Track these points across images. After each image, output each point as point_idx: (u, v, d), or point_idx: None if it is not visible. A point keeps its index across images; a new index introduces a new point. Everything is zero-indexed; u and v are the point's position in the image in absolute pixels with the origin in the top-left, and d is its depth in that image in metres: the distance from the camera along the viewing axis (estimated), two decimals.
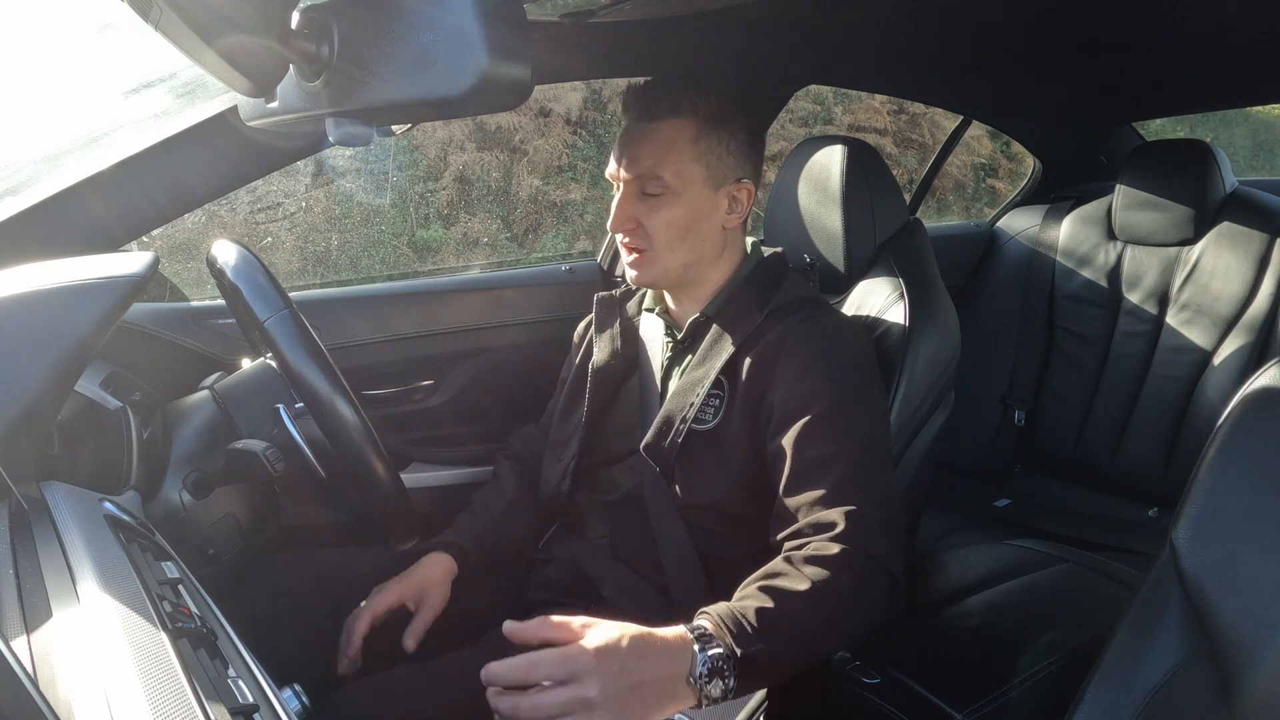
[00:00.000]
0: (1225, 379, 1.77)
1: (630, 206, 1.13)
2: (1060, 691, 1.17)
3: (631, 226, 1.13)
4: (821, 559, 0.92)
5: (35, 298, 0.78)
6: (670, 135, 1.11)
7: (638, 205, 1.13)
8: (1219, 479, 0.72)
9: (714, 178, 1.13)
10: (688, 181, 1.11)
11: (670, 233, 1.12)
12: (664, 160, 1.10)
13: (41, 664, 0.52)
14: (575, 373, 1.32)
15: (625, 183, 1.13)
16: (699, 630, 0.81)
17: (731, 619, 0.82)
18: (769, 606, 0.85)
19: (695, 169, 1.11)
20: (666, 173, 1.10)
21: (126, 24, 0.67)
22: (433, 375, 1.72)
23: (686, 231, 1.13)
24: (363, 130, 0.64)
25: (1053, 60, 1.79)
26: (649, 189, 1.12)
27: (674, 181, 1.11)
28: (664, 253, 1.13)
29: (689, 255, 1.15)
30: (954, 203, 6.57)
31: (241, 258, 1.07)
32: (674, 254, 1.14)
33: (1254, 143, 8.42)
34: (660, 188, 1.11)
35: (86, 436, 0.98)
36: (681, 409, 1.12)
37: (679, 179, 1.11)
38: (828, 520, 0.96)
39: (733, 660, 0.79)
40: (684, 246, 1.14)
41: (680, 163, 1.11)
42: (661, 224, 1.12)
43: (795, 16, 1.40)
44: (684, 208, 1.12)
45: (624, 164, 1.13)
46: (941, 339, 1.28)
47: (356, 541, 1.35)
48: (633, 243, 1.14)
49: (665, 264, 1.14)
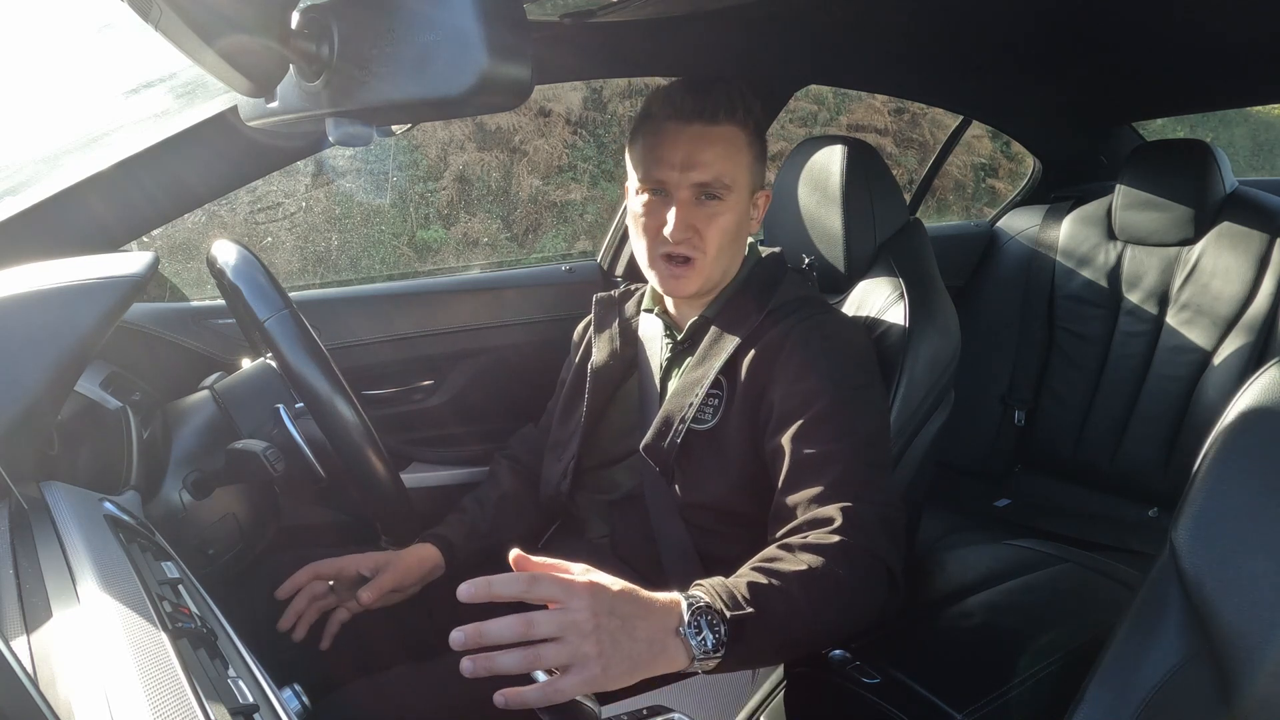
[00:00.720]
0: (1225, 379, 1.77)
1: (689, 213, 1.08)
2: (1060, 691, 1.17)
3: (691, 235, 1.09)
4: (819, 547, 0.92)
5: (35, 298, 0.78)
6: (729, 140, 1.08)
7: (696, 212, 1.08)
8: (1219, 479, 0.72)
9: (754, 185, 1.13)
10: (741, 188, 1.10)
11: (723, 239, 1.10)
12: (730, 168, 1.08)
13: (41, 664, 0.52)
14: (574, 373, 1.32)
15: (684, 188, 1.07)
16: (691, 595, 0.81)
17: (724, 588, 0.83)
18: (762, 581, 0.85)
19: (747, 177, 1.10)
20: (729, 178, 1.07)
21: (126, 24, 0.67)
22: (433, 375, 1.72)
23: (734, 238, 1.12)
24: (363, 130, 0.64)
25: (1053, 60, 1.79)
26: (713, 193, 1.08)
27: (734, 187, 1.09)
28: (713, 261, 1.11)
29: (729, 262, 1.14)
30: (954, 203, 6.57)
31: (241, 258, 1.07)
32: (720, 261, 1.12)
33: (1254, 143, 8.42)
34: (724, 193, 1.08)
35: (86, 436, 0.98)
36: (681, 409, 1.12)
37: (737, 185, 1.09)
38: (825, 516, 0.96)
39: (722, 621, 0.79)
40: (729, 253, 1.13)
41: (739, 169, 1.09)
42: (718, 231, 1.09)
43: (795, 16, 1.40)
44: (735, 214, 1.10)
45: (682, 168, 1.07)
46: (941, 339, 1.28)
47: (356, 541, 1.35)
48: (684, 252, 1.10)
49: (710, 272, 1.12)
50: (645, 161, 1.11)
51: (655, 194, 1.11)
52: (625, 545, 1.19)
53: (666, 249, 1.10)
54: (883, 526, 0.96)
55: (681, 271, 1.11)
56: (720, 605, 0.80)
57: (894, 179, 1.44)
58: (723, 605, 0.80)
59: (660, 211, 1.10)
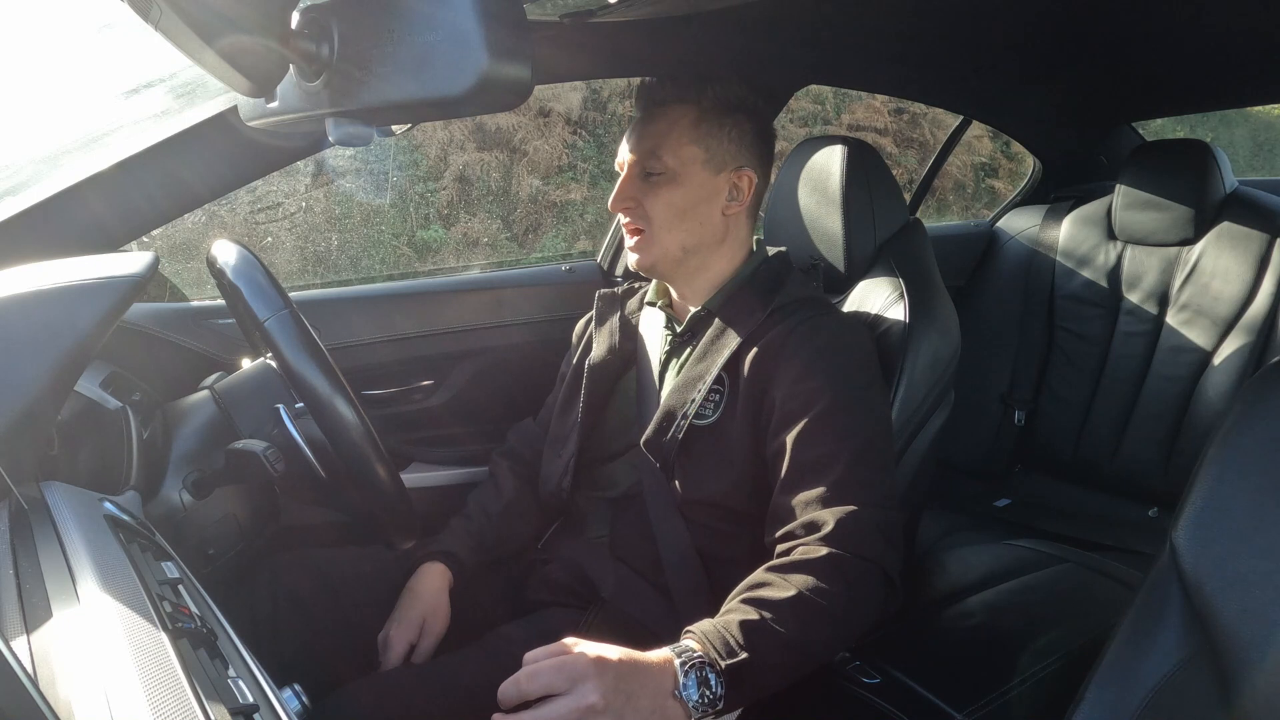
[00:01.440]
0: (1225, 379, 1.77)
1: (631, 186, 1.16)
2: (1060, 691, 1.17)
3: (631, 205, 1.16)
4: (807, 564, 0.92)
5: (35, 298, 0.78)
6: (672, 119, 1.15)
7: (639, 185, 1.16)
8: (1219, 479, 0.72)
9: (714, 161, 1.15)
10: (686, 163, 1.14)
11: (669, 213, 1.15)
12: (663, 142, 1.14)
13: (41, 664, 0.52)
14: (574, 368, 1.32)
15: (628, 164, 1.16)
16: (682, 649, 0.82)
17: (715, 635, 0.83)
18: (753, 619, 0.85)
19: (694, 150, 1.14)
20: (666, 154, 1.14)
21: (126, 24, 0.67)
22: (433, 375, 1.72)
23: (685, 213, 1.15)
24: (363, 130, 0.64)
25: (1053, 60, 1.79)
26: (650, 168, 1.14)
27: (673, 162, 1.14)
28: (662, 233, 1.15)
29: (688, 238, 1.16)
30: (954, 203, 6.57)
31: (241, 258, 1.07)
32: (673, 235, 1.15)
33: (1254, 143, 8.42)
34: (660, 168, 1.14)
35: (86, 436, 0.98)
36: (682, 404, 1.12)
37: (678, 160, 1.14)
38: (818, 521, 0.96)
39: (717, 673, 0.80)
40: (682, 228, 1.15)
41: (680, 144, 1.14)
42: (661, 204, 1.14)
43: (795, 16, 1.40)
44: (683, 189, 1.14)
45: (627, 149, 1.17)
46: (941, 339, 1.28)
47: (356, 541, 1.35)
48: (633, 223, 1.17)
49: (665, 245, 1.16)
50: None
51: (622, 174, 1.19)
52: (624, 545, 1.19)
53: (623, 221, 1.19)
54: (880, 530, 0.96)
55: (636, 243, 1.18)
56: (714, 654, 0.81)
57: (894, 179, 1.44)
58: (716, 654, 0.81)
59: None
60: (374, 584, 1.20)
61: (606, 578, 1.17)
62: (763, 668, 0.83)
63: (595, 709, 0.72)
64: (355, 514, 1.19)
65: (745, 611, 0.86)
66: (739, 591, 0.91)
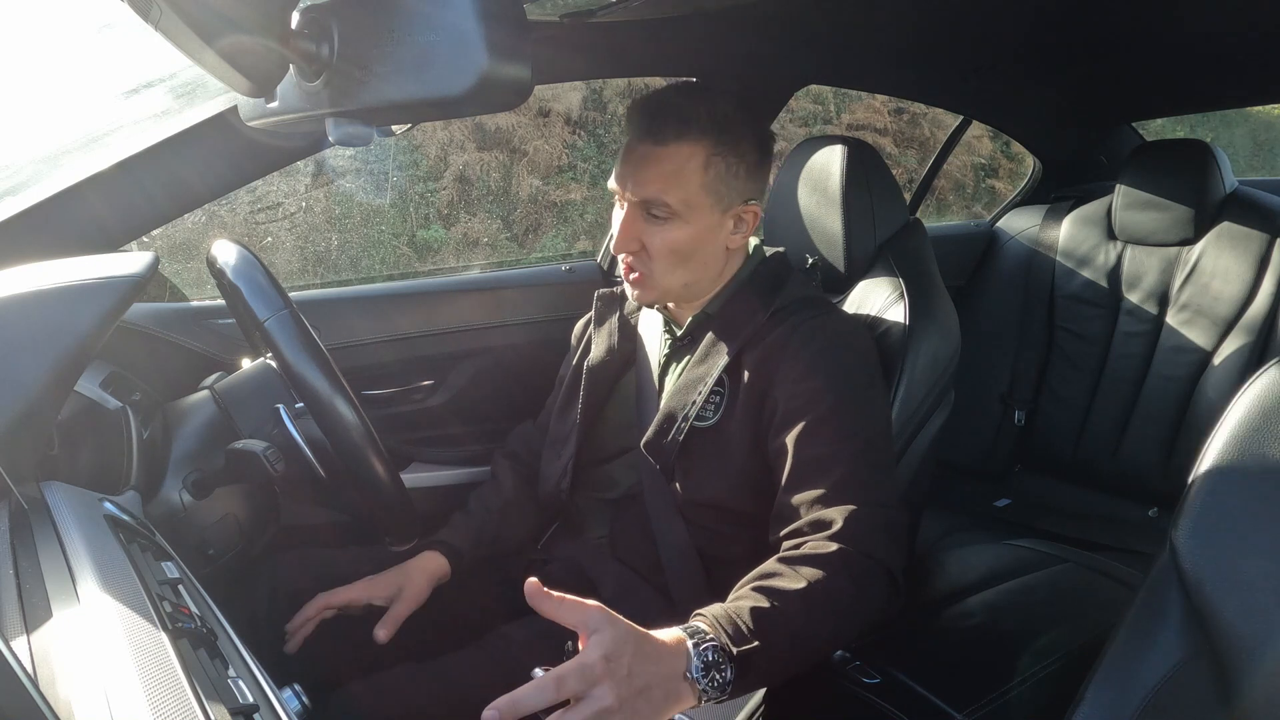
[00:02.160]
0: (1225, 379, 1.77)
1: (634, 227, 1.10)
2: (1060, 691, 1.17)
3: (635, 248, 1.11)
4: (817, 558, 0.92)
5: (35, 298, 0.78)
6: (679, 161, 1.07)
7: (642, 226, 1.10)
8: (1219, 479, 0.72)
9: (722, 203, 1.11)
10: (695, 208, 1.09)
11: (672, 258, 1.10)
12: (670, 187, 1.07)
13: (41, 664, 0.52)
14: (573, 369, 1.32)
15: (630, 204, 1.10)
16: (694, 630, 0.81)
17: (727, 619, 0.83)
18: (764, 606, 0.85)
19: (703, 196, 1.09)
20: (673, 199, 1.07)
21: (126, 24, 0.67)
22: (433, 375, 1.72)
23: (689, 255, 1.11)
24: (363, 130, 0.64)
25: (1053, 60, 1.79)
26: (655, 212, 1.09)
27: (680, 208, 1.08)
28: (663, 276, 1.12)
29: (689, 277, 1.13)
30: (954, 203, 6.57)
31: (241, 258, 1.07)
32: (674, 276, 1.12)
33: (1254, 143, 8.42)
34: (666, 212, 1.08)
35: (86, 436, 0.98)
36: (683, 406, 1.12)
37: (686, 205, 1.08)
38: (826, 519, 0.96)
39: (728, 658, 0.79)
40: (685, 269, 1.12)
41: (689, 190, 1.08)
42: (664, 248, 1.10)
43: (795, 17, 1.40)
44: (688, 231, 1.10)
45: (629, 185, 1.09)
46: (941, 339, 1.28)
47: (356, 541, 1.35)
48: (635, 265, 1.12)
49: (665, 286, 1.13)
50: (614, 171, 1.13)
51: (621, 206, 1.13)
52: (624, 545, 1.19)
53: (621, 258, 1.13)
54: (884, 529, 0.96)
55: (636, 280, 1.13)
56: (725, 639, 0.80)
57: (894, 179, 1.44)
58: (727, 639, 0.80)
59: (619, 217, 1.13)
60: None
61: (607, 578, 1.17)
62: (771, 657, 0.82)
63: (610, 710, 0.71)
64: (355, 514, 1.19)
65: (756, 599, 0.86)
66: (748, 580, 0.91)
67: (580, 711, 0.71)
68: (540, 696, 0.71)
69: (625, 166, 1.10)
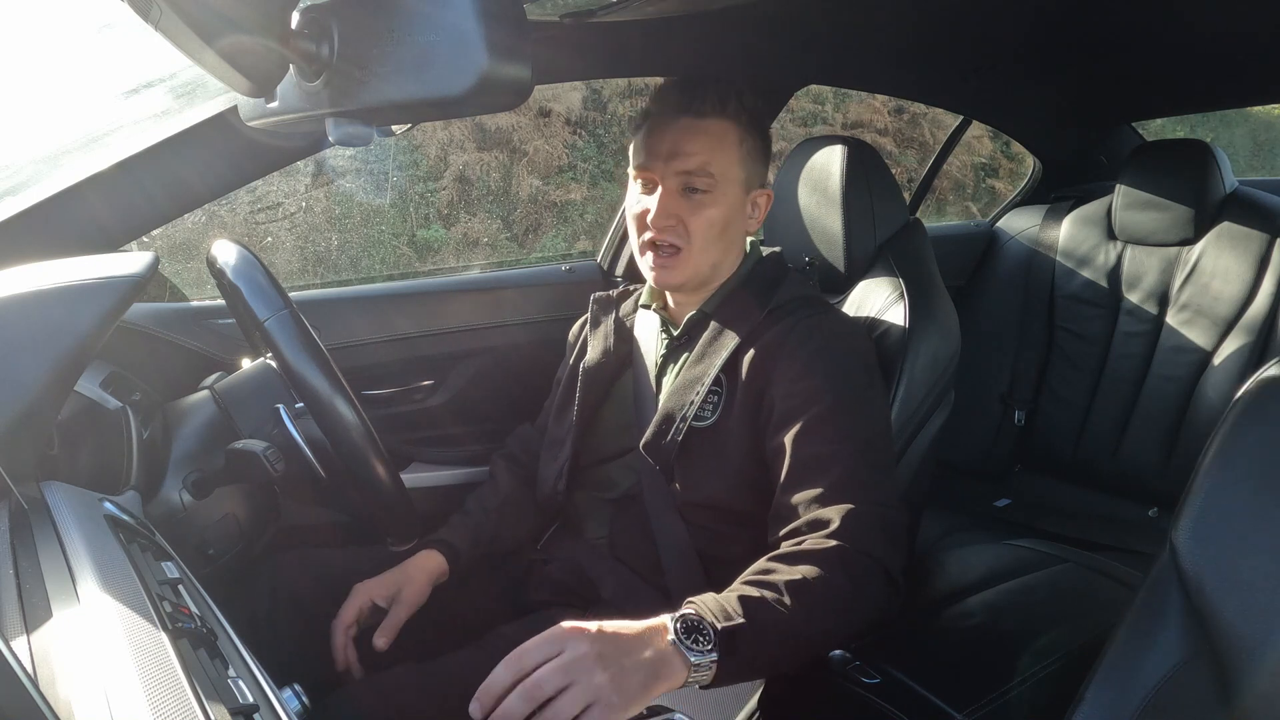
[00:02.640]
0: (1225, 379, 1.77)
1: (673, 203, 1.11)
2: (1060, 691, 1.17)
3: (673, 223, 1.11)
4: (813, 554, 0.92)
5: (35, 298, 0.78)
6: (720, 133, 1.10)
7: (680, 202, 1.11)
8: (1219, 479, 0.72)
9: (749, 181, 1.14)
10: (731, 182, 1.11)
11: (711, 232, 1.12)
12: (715, 157, 1.10)
13: (41, 664, 0.52)
14: (569, 372, 1.32)
15: (669, 177, 1.11)
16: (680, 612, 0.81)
17: (714, 603, 0.83)
18: (753, 595, 0.85)
19: (738, 171, 1.12)
20: (717, 169, 1.10)
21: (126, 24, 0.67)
22: (433, 375, 1.72)
23: (724, 232, 1.13)
24: (363, 130, 0.64)
25: (1053, 60, 1.79)
26: (696, 185, 1.10)
27: (722, 180, 1.10)
28: (699, 253, 1.12)
29: (718, 256, 1.15)
30: (954, 203, 6.57)
31: (241, 258, 1.07)
32: (708, 254, 1.13)
33: (1254, 143, 8.42)
34: (709, 184, 1.10)
35: (86, 436, 0.98)
36: (681, 406, 1.12)
37: (725, 178, 1.11)
38: (824, 518, 0.96)
39: (711, 630, 0.79)
40: (718, 247, 1.14)
41: (729, 162, 1.11)
42: (704, 222, 1.11)
43: (795, 16, 1.40)
44: (724, 208, 1.12)
45: (667, 158, 1.10)
46: (941, 339, 1.28)
47: (356, 541, 1.35)
48: (669, 240, 1.12)
49: (698, 264, 1.13)
50: (638, 153, 1.14)
51: (646, 184, 1.14)
52: (623, 545, 1.19)
53: (651, 236, 1.13)
54: (882, 528, 0.96)
55: (668, 261, 1.13)
56: (710, 618, 0.80)
57: (894, 179, 1.44)
58: (713, 618, 0.81)
59: (649, 201, 1.13)
60: None
61: (606, 579, 1.17)
62: (758, 640, 0.82)
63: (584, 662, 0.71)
64: (355, 514, 1.19)
65: (747, 589, 0.86)
66: (745, 575, 0.91)
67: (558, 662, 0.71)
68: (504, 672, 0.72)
69: (661, 142, 1.11)
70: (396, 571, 1.17)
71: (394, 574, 1.17)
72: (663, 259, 1.13)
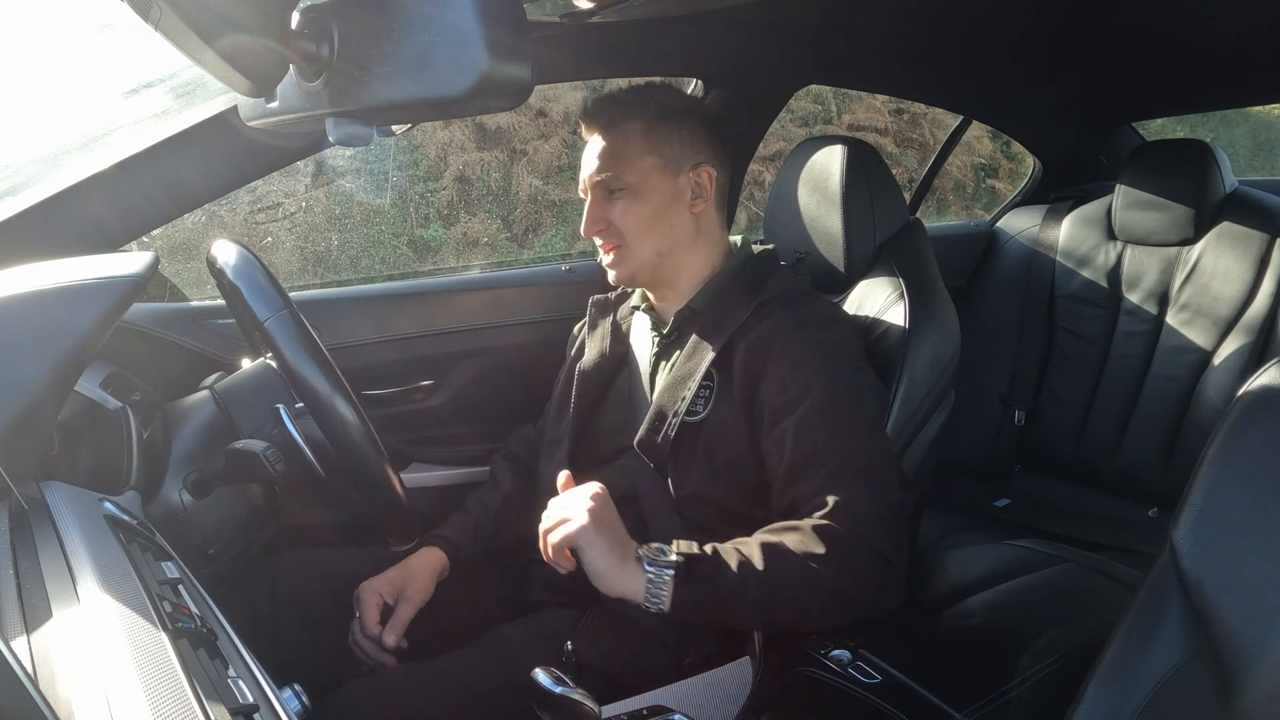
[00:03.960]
0: (1225, 379, 1.77)
1: (597, 209, 1.18)
2: (1060, 691, 1.16)
3: (602, 227, 1.17)
4: (802, 528, 0.96)
5: (35, 298, 0.78)
6: (624, 135, 1.16)
7: (605, 207, 1.17)
8: (1219, 479, 0.72)
9: (671, 166, 1.16)
10: (645, 173, 1.15)
11: (641, 225, 1.16)
12: (619, 161, 1.15)
13: (41, 664, 0.52)
14: (567, 373, 1.33)
15: (591, 187, 1.18)
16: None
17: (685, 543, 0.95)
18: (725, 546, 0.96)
19: (650, 160, 1.15)
20: (624, 169, 1.15)
21: (126, 24, 0.66)
22: (433, 375, 1.72)
23: (654, 220, 1.16)
24: (363, 130, 0.64)
25: (1053, 60, 1.79)
26: (612, 187, 1.16)
27: (633, 177, 1.15)
28: (636, 245, 1.16)
29: (661, 244, 1.17)
30: (954, 203, 6.57)
31: (241, 258, 1.07)
32: (646, 244, 1.16)
33: (1254, 143, 8.42)
34: (621, 184, 1.15)
35: (86, 436, 0.98)
36: (673, 402, 1.12)
37: (638, 175, 1.15)
38: (819, 505, 0.98)
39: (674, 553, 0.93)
40: (655, 235, 1.16)
41: (635, 157, 1.15)
42: (630, 219, 1.16)
43: (795, 16, 1.40)
44: (647, 199, 1.15)
45: (586, 173, 1.19)
46: (941, 339, 1.28)
47: (356, 541, 1.35)
48: (608, 241, 1.17)
49: (640, 255, 1.17)
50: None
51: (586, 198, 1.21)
52: None
53: (598, 243, 1.20)
54: (879, 515, 0.97)
55: (613, 259, 1.19)
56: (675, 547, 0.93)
57: (894, 179, 1.44)
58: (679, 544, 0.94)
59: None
60: None
61: None
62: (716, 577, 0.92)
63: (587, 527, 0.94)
64: (355, 514, 1.19)
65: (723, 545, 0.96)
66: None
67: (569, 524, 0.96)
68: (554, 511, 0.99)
69: (583, 159, 1.20)
70: (400, 569, 1.18)
71: (398, 572, 1.17)
72: (610, 259, 1.19)
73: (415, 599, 1.16)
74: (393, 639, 1.12)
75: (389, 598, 1.15)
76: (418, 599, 1.16)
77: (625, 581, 0.93)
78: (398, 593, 1.15)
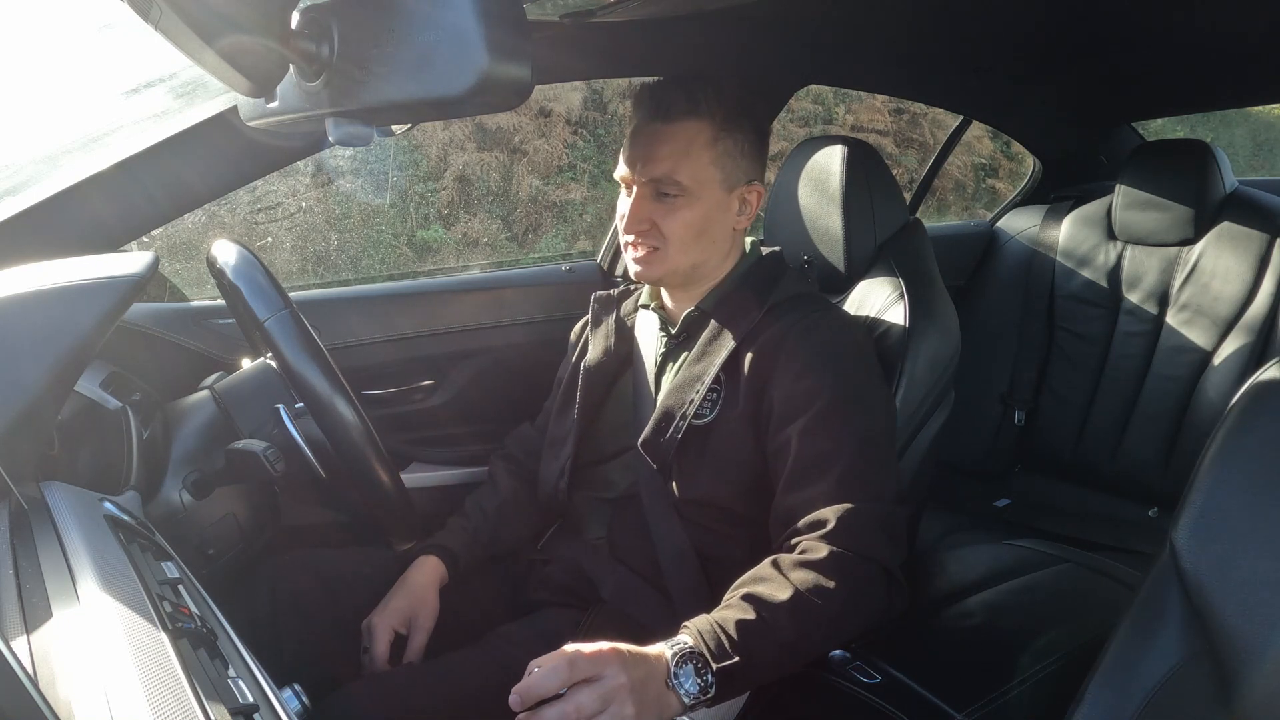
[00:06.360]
0: (1225, 379, 1.77)
1: (645, 208, 1.11)
2: (1060, 691, 1.17)
3: (646, 228, 1.12)
4: (810, 563, 0.93)
5: (35, 298, 0.78)
6: (688, 137, 1.09)
7: (653, 206, 1.11)
8: (1219, 479, 0.72)
9: (728, 180, 1.13)
10: (704, 184, 1.11)
11: (686, 234, 1.12)
12: (682, 163, 1.09)
13: (41, 664, 0.52)
14: (570, 371, 1.32)
15: (639, 185, 1.12)
16: (678, 644, 0.84)
17: (711, 634, 0.85)
18: (750, 619, 0.87)
19: (712, 172, 1.11)
20: (684, 176, 1.09)
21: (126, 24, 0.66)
22: (433, 375, 1.72)
23: (702, 233, 1.13)
24: (363, 130, 0.64)
25: (1053, 60, 1.79)
26: (666, 190, 1.10)
27: (691, 184, 1.10)
28: (677, 254, 1.13)
29: (700, 256, 1.15)
30: (954, 203, 6.57)
31: (241, 258, 1.07)
32: (686, 255, 1.13)
33: (1254, 143, 8.42)
34: (678, 190, 1.10)
35: (86, 436, 0.98)
36: (680, 404, 1.12)
37: (696, 182, 1.10)
38: (822, 519, 0.96)
39: (708, 670, 0.82)
40: (697, 247, 1.13)
41: (698, 166, 1.10)
42: (678, 226, 1.11)
43: (795, 16, 1.40)
44: (700, 210, 1.11)
45: (639, 165, 1.11)
46: (941, 339, 1.28)
47: (356, 541, 1.35)
48: (645, 241, 1.13)
49: (676, 263, 1.14)
50: (621, 159, 1.15)
51: (627, 188, 1.15)
52: (623, 546, 1.19)
53: (629, 239, 1.14)
54: (881, 527, 0.97)
55: (645, 256, 1.14)
56: (705, 652, 0.83)
57: (894, 179, 1.44)
58: (709, 654, 0.83)
59: (627, 204, 1.14)
60: (374, 584, 1.19)
61: (606, 578, 1.17)
62: (755, 666, 0.85)
63: (620, 692, 0.75)
64: (355, 514, 1.19)
65: (743, 610, 0.87)
66: (739, 585, 0.92)
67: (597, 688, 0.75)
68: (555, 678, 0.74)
69: (634, 149, 1.12)
70: (405, 595, 1.16)
71: (404, 599, 1.16)
72: (640, 255, 1.14)
73: (427, 625, 1.15)
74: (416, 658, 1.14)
75: (402, 629, 1.15)
76: (429, 625, 1.16)
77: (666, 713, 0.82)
78: (409, 622, 1.15)
